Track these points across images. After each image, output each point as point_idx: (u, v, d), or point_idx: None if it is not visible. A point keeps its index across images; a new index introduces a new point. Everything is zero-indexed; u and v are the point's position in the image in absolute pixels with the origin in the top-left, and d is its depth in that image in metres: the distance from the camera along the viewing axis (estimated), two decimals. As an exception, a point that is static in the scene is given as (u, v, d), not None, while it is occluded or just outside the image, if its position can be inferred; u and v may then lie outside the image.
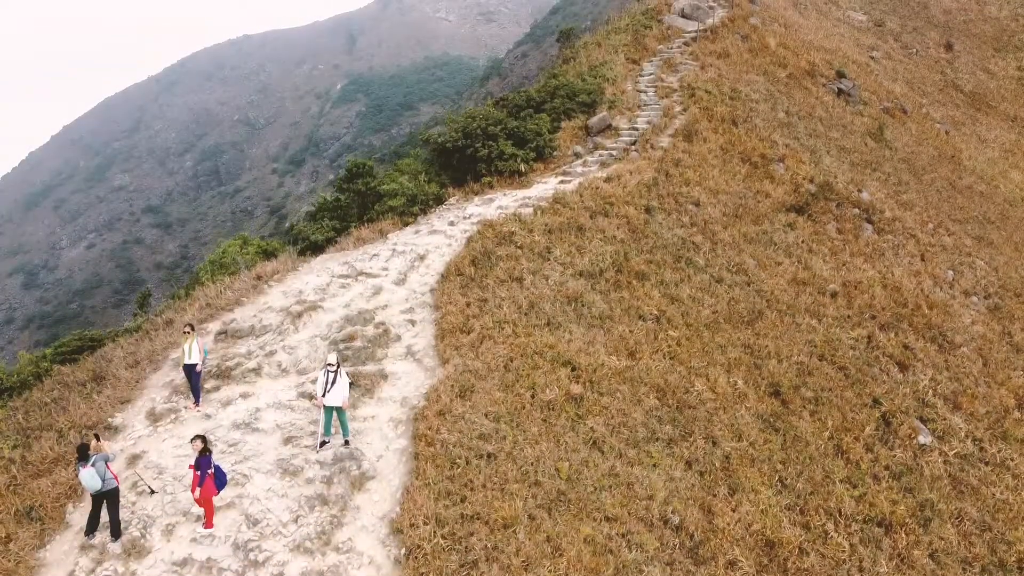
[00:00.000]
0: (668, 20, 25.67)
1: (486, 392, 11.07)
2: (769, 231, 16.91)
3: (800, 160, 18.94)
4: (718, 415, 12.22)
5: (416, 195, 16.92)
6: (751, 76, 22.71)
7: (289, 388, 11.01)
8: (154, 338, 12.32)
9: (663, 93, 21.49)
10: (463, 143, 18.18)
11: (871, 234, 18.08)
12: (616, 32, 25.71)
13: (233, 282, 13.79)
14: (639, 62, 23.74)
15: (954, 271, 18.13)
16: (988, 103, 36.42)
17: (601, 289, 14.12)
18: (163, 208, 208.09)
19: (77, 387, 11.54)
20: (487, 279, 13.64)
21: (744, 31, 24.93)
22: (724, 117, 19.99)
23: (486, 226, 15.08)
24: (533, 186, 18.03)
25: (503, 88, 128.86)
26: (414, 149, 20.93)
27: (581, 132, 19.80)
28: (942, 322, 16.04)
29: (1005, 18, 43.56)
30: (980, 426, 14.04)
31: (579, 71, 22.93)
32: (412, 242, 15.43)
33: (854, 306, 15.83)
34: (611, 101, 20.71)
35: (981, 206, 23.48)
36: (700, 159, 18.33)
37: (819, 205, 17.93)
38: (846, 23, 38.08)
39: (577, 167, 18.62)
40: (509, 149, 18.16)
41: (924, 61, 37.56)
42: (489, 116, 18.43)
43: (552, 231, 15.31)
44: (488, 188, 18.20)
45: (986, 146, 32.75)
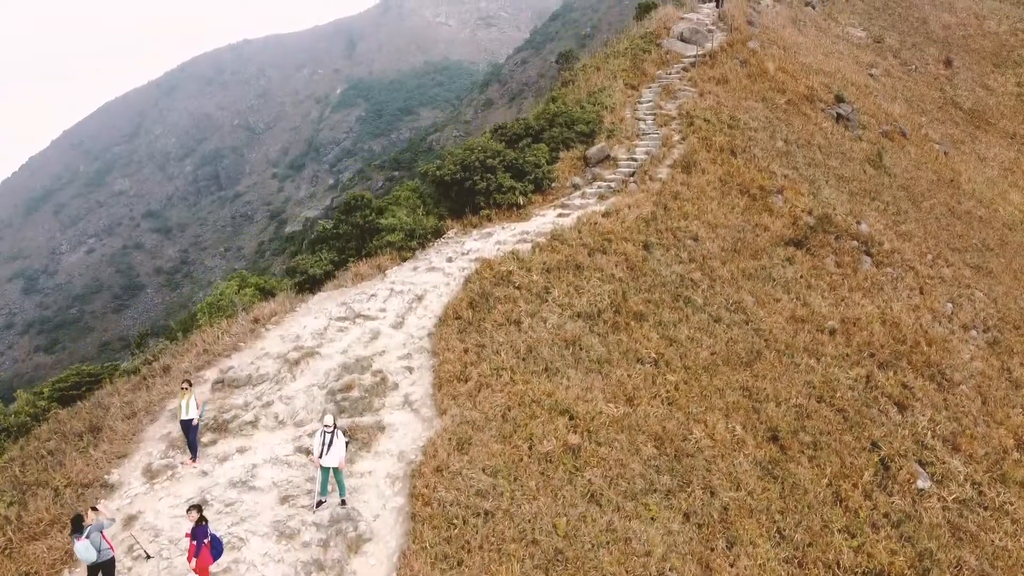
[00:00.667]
0: (667, 44, 25.65)
1: (483, 445, 11.05)
2: (768, 266, 16.88)
3: (799, 192, 18.91)
4: (716, 463, 12.19)
5: (414, 230, 16.91)
6: (750, 103, 22.71)
7: (286, 442, 10.98)
8: (151, 387, 12.29)
9: (662, 121, 21.48)
10: (461, 176, 18.16)
11: (870, 267, 18.06)
12: (615, 56, 25.70)
13: (230, 326, 13.77)
14: (638, 88, 23.73)
15: (953, 304, 18.10)
16: (987, 120, 36.43)
17: (599, 331, 14.10)
18: (163, 213, 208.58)
19: (74, 438, 11.51)
20: (485, 323, 13.62)
21: (743, 56, 24.92)
22: (723, 147, 19.97)
23: (484, 265, 15.06)
24: (532, 219, 18.01)
25: (503, 94, 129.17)
26: (412, 180, 20.90)
27: (579, 163, 19.78)
28: (941, 359, 16.01)
29: (1004, 33, 43.57)
30: (979, 468, 14.01)
31: (578, 97, 22.93)
32: (410, 281, 15.40)
33: (853, 344, 15.80)
34: (609, 130, 20.69)
35: (980, 232, 23.46)
36: (699, 191, 18.31)
37: (818, 238, 17.90)
38: (845, 40, 38.09)
39: (575, 199, 18.61)
40: (507, 182, 18.14)
41: (923, 78, 37.56)
42: (487, 148, 18.41)
43: (550, 270, 15.29)
44: (486, 221, 18.19)
45: (985, 165, 32.75)
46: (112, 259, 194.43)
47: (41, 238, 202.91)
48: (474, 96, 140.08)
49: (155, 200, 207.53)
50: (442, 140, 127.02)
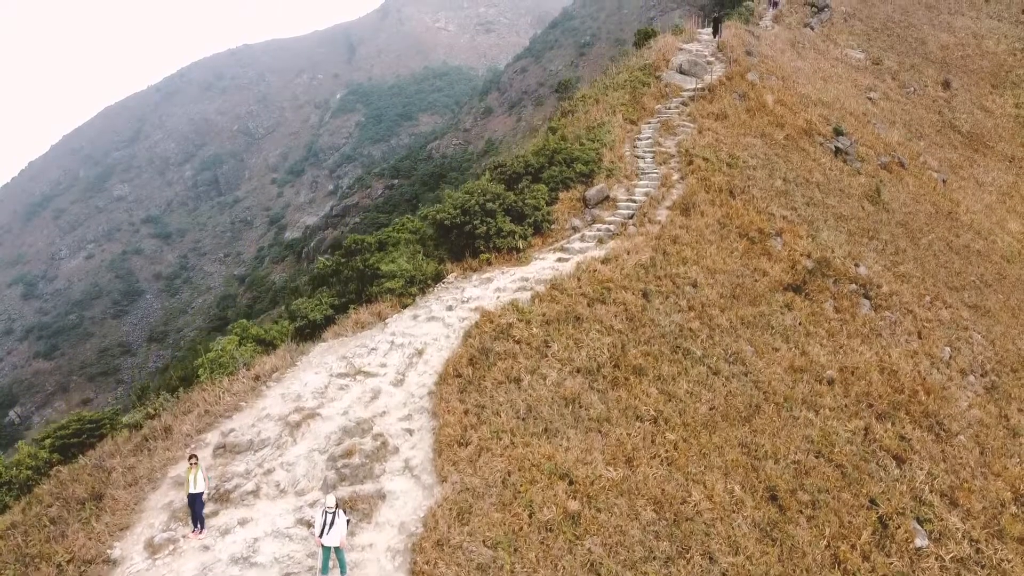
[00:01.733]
0: (666, 77, 25.73)
1: (484, 514, 11.11)
2: (767, 313, 16.95)
3: (797, 235, 19.00)
4: (715, 526, 12.25)
5: (414, 276, 16.97)
6: (749, 139, 22.80)
7: (287, 512, 11.04)
8: (153, 451, 12.34)
9: (661, 159, 21.57)
10: (461, 220, 18.24)
11: (868, 311, 18.13)
12: (614, 88, 25.79)
13: (232, 384, 13.82)
14: (637, 122, 23.82)
15: (951, 348, 18.18)
16: (985, 143, 36.55)
17: (599, 387, 14.17)
18: (162, 218, 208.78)
19: (76, 506, 11.57)
20: (485, 381, 13.69)
21: (742, 89, 25.02)
22: (721, 187, 20.06)
23: (484, 318, 15.13)
24: (531, 263, 18.08)
25: (502, 102, 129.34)
26: (412, 220, 20.99)
27: (579, 204, 19.85)
28: (939, 408, 16.08)
29: (1002, 52, 43.71)
30: (976, 524, 14.07)
31: (577, 132, 23.01)
32: (410, 332, 15.46)
33: (851, 394, 15.87)
34: (609, 169, 20.78)
35: (978, 266, 23.54)
36: (697, 235, 18.39)
37: (816, 283, 17.98)
38: (844, 62, 38.21)
39: (575, 242, 18.68)
40: (507, 226, 18.22)
41: (922, 100, 37.68)
42: (487, 191, 18.49)
43: (550, 322, 15.36)
44: (486, 265, 18.26)
45: (983, 190, 32.86)
46: (111, 265, 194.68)
47: (41, 243, 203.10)
48: (473, 104, 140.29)
49: (154, 205, 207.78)
50: (441, 148, 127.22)
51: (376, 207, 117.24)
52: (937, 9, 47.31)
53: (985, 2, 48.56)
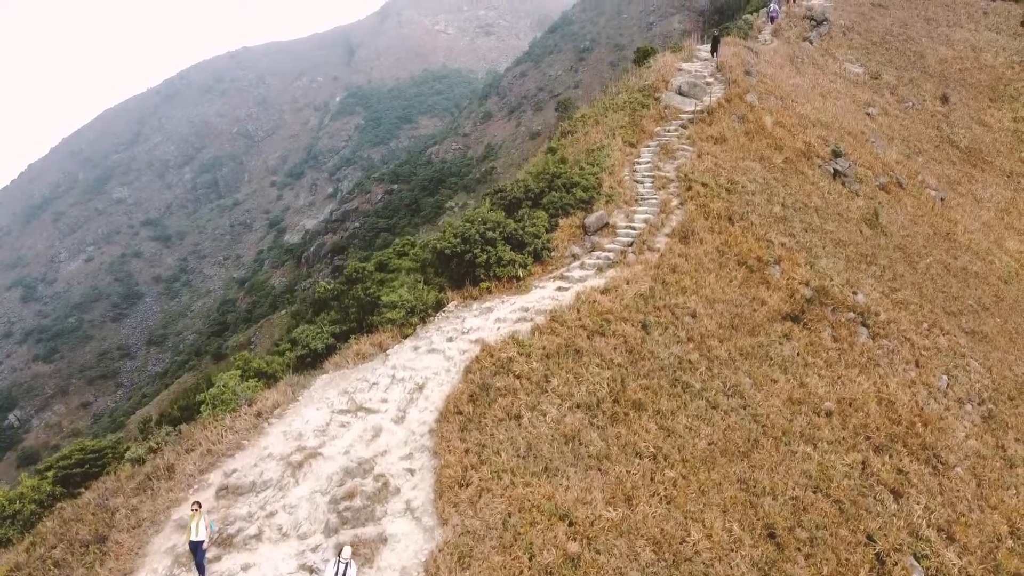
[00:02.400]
0: (665, 99, 25.84)
1: (484, 558, 11.21)
2: (765, 344, 17.06)
3: (796, 262, 19.11)
4: (714, 567, 12.36)
5: (415, 307, 17.07)
6: (747, 163, 22.91)
7: (289, 557, 11.13)
8: (156, 493, 12.44)
9: (660, 184, 21.68)
10: (462, 248, 18.35)
11: (866, 339, 18.25)
12: (613, 109, 25.89)
13: (234, 421, 13.93)
14: (636, 145, 23.93)
15: (948, 376, 18.29)
16: (983, 158, 36.68)
17: (598, 423, 14.27)
18: (162, 221, 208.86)
19: (80, 549, 11.66)
20: (485, 418, 13.79)
21: (741, 111, 25.12)
22: (720, 214, 20.17)
23: (484, 352, 15.24)
24: (531, 291, 18.19)
25: (501, 107, 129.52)
26: (414, 246, 21.10)
27: (578, 231, 19.96)
28: (936, 440, 16.19)
29: (1001, 65, 43.84)
30: (973, 560, 14.18)
31: (577, 156, 23.12)
32: (411, 366, 15.57)
33: (849, 426, 15.98)
34: (608, 195, 20.89)
35: (976, 289, 23.66)
36: (696, 263, 18.50)
37: (814, 311, 18.09)
38: (843, 77, 38.33)
39: (575, 270, 18.79)
40: (507, 255, 18.34)
41: (920, 115, 37.81)
42: (487, 220, 18.60)
43: (550, 355, 15.46)
44: (487, 293, 18.37)
45: (981, 207, 33.00)
46: (111, 267, 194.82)
47: (40, 246, 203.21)
48: (473, 108, 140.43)
49: (154, 208, 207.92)
50: (441, 152, 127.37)
51: (376, 212, 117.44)
52: (936, 21, 47.45)
53: (984, 14, 48.69)
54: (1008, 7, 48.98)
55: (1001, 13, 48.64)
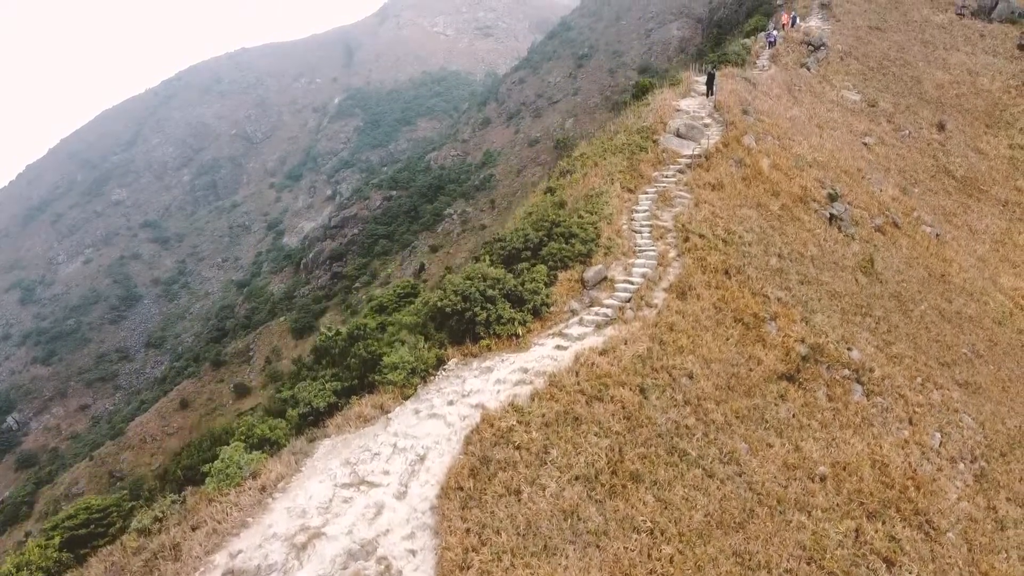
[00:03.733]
0: (663, 141, 26.08)
1: (485, 646, 11.48)
2: (761, 406, 17.33)
3: (792, 319, 19.37)
4: (709, 647, 12.63)
5: (416, 367, 17.33)
6: (744, 211, 23.17)
7: (294, 649, 11.39)
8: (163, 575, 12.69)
9: (658, 234, 21.93)
10: (462, 307, 18.58)
11: (860, 397, 18.52)
12: (612, 152, 26.13)
13: (239, 496, 14.17)
14: (635, 191, 24.18)
15: (941, 433, 18.57)
16: (979, 187, 36.98)
17: (597, 497, 14.53)
18: (160, 223, 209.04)
19: (88, 634, 11.92)
20: (486, 494, 14.03)
21: (738, 155, 25.39)
22: (717, 267, 20.43)
23: (484, 421, 15.50)
24: (531, 348, 18.43)
25: (500, 113, 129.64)
26: (415, 302, 21.33)
27: (577, 285, 20.21)
28: (928, 505, 16.48)
29: (997, 90, 44.13)
30: (964, 631, 14.48)
31: (576, 202, 23.37)
32: (412, 433, 15.82)
33: (843, 491, 16.26)
34: (607, 247, 21.14)
35: (970, 334, 23.96)
36: (693, 320, 18.75)
37: (810, 370, 18.36)
38: (840, 105, 38.59)
39: (574, 326, 19.04)
40: (507, 313, 18.57)
41: (916, 144, 38.09)
42: (487, 276, 18.83)
43: (549, 424, 15.71)
44: (486, 350, 18.60)
45: (976, 239, 33.30)
46: (109, 270, 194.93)
47: (38, 248, 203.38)
48: (471, 114, 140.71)
49: (152, 210, 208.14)
50: (440, 159, 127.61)
51: (375, 219, 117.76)
52: (933, 44, 47.72)
53: (981, 36, 48.98)
54: (1005, 29, 49.28)
55: (998, 36, 48.93)
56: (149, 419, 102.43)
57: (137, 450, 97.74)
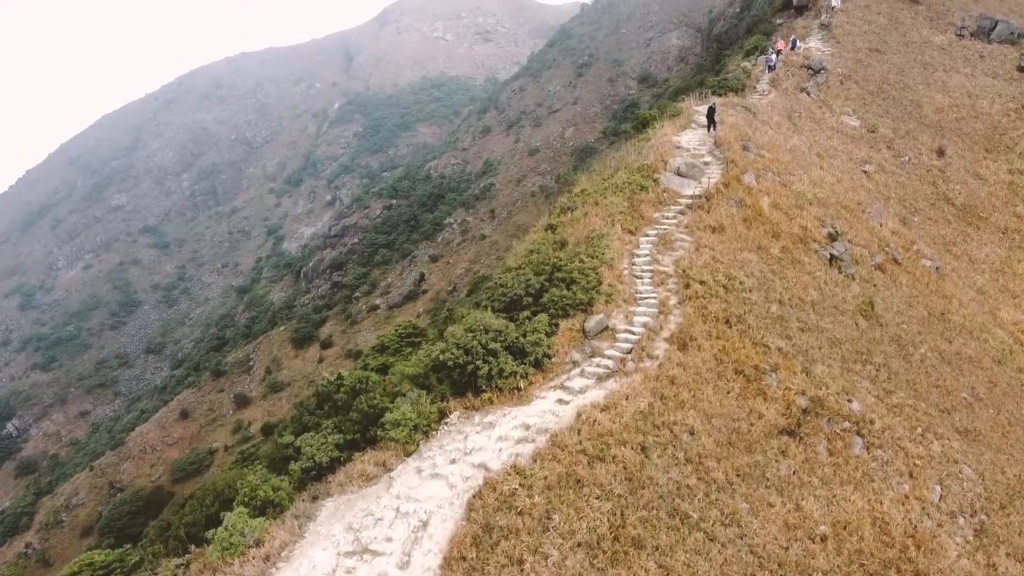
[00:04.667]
0: (664, 181, 26.14)
1: None
2: (762, 463, 17.40)
3: (792, 371, 19.45)
4: None
5: (418, 424, 17.41)
6: (745, 255, 23.25)
7: None
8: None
9: (659, 280, 22.00)
10: (464, 360, 18.67)
11: (861, 450, 18.60)
12: (613, 191, 26.19)
13: (243, 567, 14.23)
14: (635, 233, 24.25)
15: (941, 487, 18.65)
16: (979, 215, 37.07)
17: (599, 565, 14.59)
18: (160, 228, 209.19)
19: None
20: (488, 565, 14.11)
21: (739, 195, 25.46)
22: (718, 316, 20.51)
23: (487, 485, 15.57)
24: (533, 402, 18.51)
25: (500, 121, 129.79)
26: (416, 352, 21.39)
27: (579, 334, 20.28)
28: (928, 565, 16.55)
29: (996, 113, 44.23)
30: None
31: (576, 245, 23.45)
32: (415, 495, 15.90)
33: (843, 552, 16.33)
34: (608, 294, 21.22)
35: (970, 376, 24.04)
36: (694, 373, 18.83)
37: (810, 424, 18.44)
38: (839, 132, 38.68)
39: (575, 378, 19.12)
40: (509, 366, 18.66)
41: (916, 170, 38.18)
42: (489, 328, 18.92)
43: (551, 487, 15.78)
44: (488, 403, 18.68)
45: (976, 269, 33.38)
46: (109, 275, 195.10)
47: (38, 253, 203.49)
48: (471, 122, 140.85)
49: (152, 215, 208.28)
50: (440, 167, 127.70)
51: (375, 228, 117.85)
52: (932, 66, 47.82)
53: (980, 58, 49.08)
54: (1004, 50, 49.38)
55: (997, 57, 49.02)
56: (149, 429, 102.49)
57: (137, 461, 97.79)
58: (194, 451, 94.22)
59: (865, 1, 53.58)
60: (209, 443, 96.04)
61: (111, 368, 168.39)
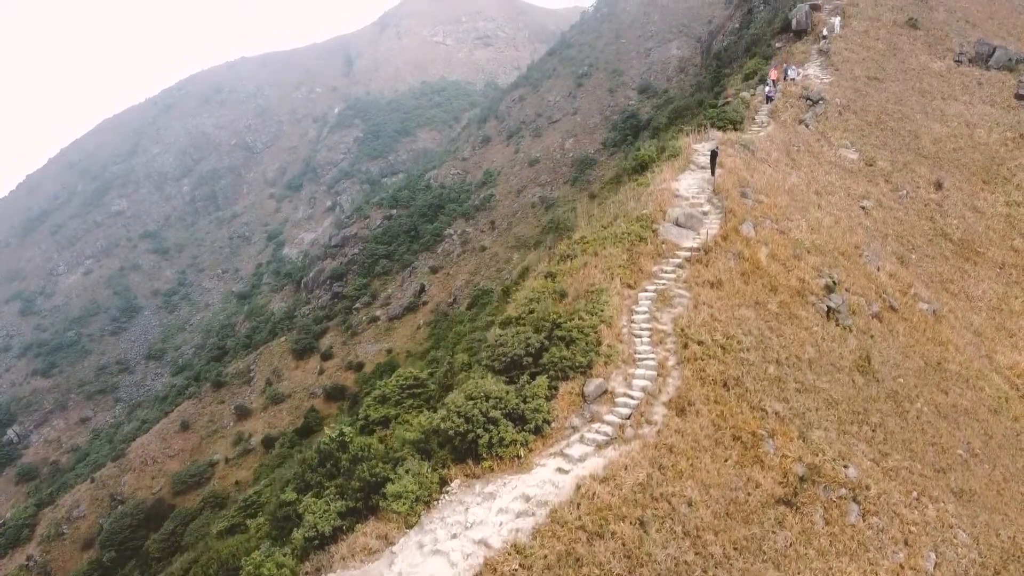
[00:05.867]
0: (663, 232, 26.37)
1: None
2: (759, 535, 17.62)
3: (789, 437, 19.68)
4: None
5: (420, 496, 17.66)
6: (743, 311, 23.47)
7: None
8: None
9: (657, 339, 22.24)
10: (464, 428, 18.92)
11: (857, 518, 18.82)
12: (612, 241, 26.40)
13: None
14: (635, 287, 24.48)
15: (936, 553, 18.89)
16: (976, 250, 37.31)
17: (598, 650, 14.86)
18: (160, 234, 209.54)
19: None
20: (490, 658, 14.36)
21: (737, 247, 25.68)
22: (716, 379, 20.74)
23: (487, 566, 15.79)
24: (533, 470, 18.74)
25: (500, 131, 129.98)
26: (418, 416, 21.65)
27: (578, 399, 20.52)
28: (923, 640, 16.81)
29: (994, 143, 44.47)
30: None
31: (575, 304, 23.67)
32: (414, 573, 16.14)
33: (839, 628, 16.58)
34: (607, 355, 21.43)
35: (966, 429, 24.28)
36: (692, 441, 19.06)
37: (807, 492, 18.66)
38: (838, 166, 38.92)
39: (575, 445, 19.35)
40: (509, 435, 18.92)
41: (914, 205, 38.43)
42: (489, 395, 19.18)
43: (551, 566, 16.01)
44: (489, 471, 18.93)
45: (973, 307, 33.62)
46: (109, 281, 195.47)
47: (39, 259, 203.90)
48: (472, 131, 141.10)
49: (152, 221, 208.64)
50: (440, 177, 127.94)
51: (375, 238, 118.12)
52: (931, 94, 48.04)
53: (979, 85, 49.30)
54: (1003, 77, 49.61)
55: (996, 84, 49.25)
56: (150, 441, 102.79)
57: (138, 472, 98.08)
58: (195, 463, 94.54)
59: (864, 26, 53.80)
60: (210, 455, 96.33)
61: (111, 374, 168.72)
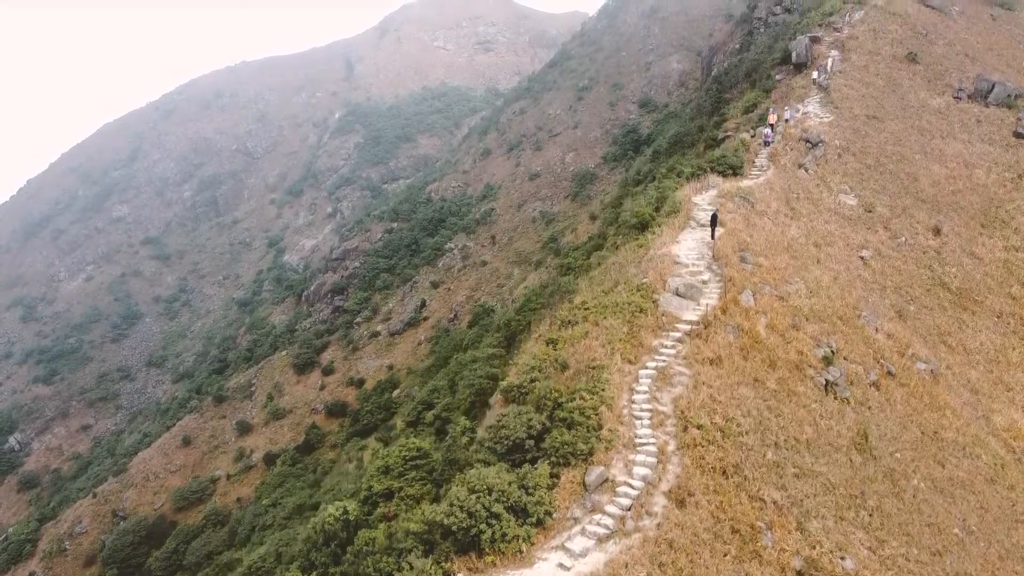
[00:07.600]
0: (663, 302, 26.64)
1: None
2: (756, 639, 17.95)
3: (787, 528, 19.99)
4: None
5: (423, 595, 17.94)
6: (742, 390, 23.77)
7: None
8: None
9: (657, 421, 22.54)
10: (467, 523, 19.21)
11: (853, 613, 19.14)
12: (613, 312, 26.68)
13: None
14: (635, 363, 24.76)
15: (931, 649, 19.21)
16: (974, 299, 37.59)
17: None
18: (161, 240, 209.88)
19: None
20: None
21: (736, 319, 25.96)
22: (715, 467, 21.05)
23: None
24: (535, 564, 19.02)
25: (500, 143, 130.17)
26: (421, 509, 21.95)
27: (579, 487, 20.82)
28: None
29: (992, 184, 44.72)
30: None
31: (576, 384, 23.95)
32: None
33: None
34: (608, 440, 21.75)
35: (962, 504, 24.58)
36: (692, 535, 19.35)
37: (805, 589, 18.97)
38: (837, 213, 39.18)
39: (576, 538, 19.63)
40: (511, 530, 19.21)
41: (912, 253, 38.70)
42: (492, 488, 19.48)
43: None
44: (491, 566, 19.24)
45: (971, 361, 33.90)
46: (111, 287, 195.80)
47: (39, 265, 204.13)
48: (472, 143, 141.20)
49: (153, 226, 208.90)
50: (440, 190, 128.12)
51: (376, 252, 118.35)
52: (930, 133, 48.25)
53: (977, 123, 49.52)
54: (1001, 114, 49.83)
55: (995, 121, 49.46)
56: (151, 456, 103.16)
57: (140, 488, 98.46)
58: (196, 479, 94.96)
59: (863, 60, 53.96)
60: (211, 471, 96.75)
61: (112, 381, 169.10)
